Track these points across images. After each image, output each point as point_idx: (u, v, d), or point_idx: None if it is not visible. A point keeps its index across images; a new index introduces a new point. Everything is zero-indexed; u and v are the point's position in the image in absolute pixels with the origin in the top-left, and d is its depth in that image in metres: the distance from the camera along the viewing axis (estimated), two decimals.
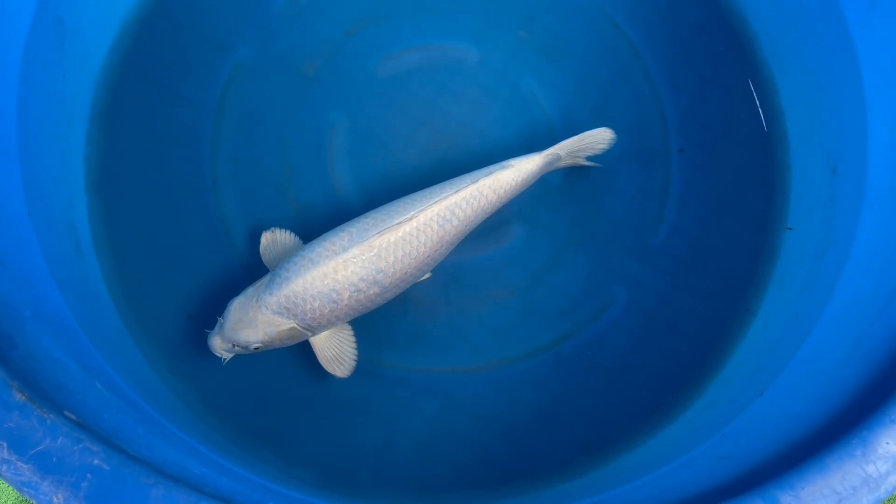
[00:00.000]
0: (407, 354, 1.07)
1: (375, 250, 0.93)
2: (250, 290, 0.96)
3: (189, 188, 1.12)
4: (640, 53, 1.19)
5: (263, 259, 1.03)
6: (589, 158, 1.10)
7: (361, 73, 1.17)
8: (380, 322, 1.07)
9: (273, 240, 1.03)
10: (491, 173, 0.99)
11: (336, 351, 1.00)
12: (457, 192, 0.96)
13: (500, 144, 1.15)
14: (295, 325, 0.94)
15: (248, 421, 1.05)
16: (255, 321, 0.94)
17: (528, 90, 1.17)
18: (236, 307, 0.95)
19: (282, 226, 1.07)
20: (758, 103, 1.15)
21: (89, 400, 0.74)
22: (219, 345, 0.95)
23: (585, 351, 1.08)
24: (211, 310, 1.05)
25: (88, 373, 0.80)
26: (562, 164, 1.07)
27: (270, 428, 1.05)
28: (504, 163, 1.01)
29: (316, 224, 1.11)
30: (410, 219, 0.94)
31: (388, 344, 1.08)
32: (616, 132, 1.06)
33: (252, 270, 1.09)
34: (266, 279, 0.96)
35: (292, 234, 1.03)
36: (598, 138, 1.05)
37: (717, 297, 1.10)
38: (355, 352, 1.00)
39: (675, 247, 1.11)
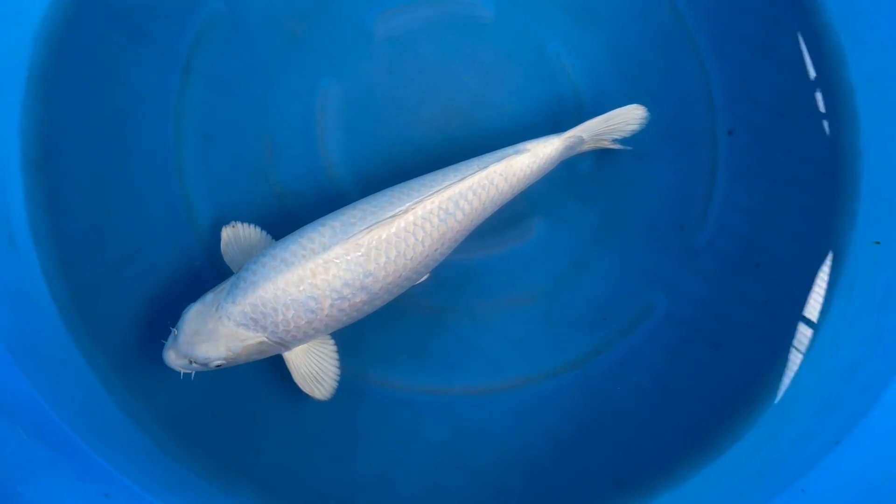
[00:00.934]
0: (410, 372, 0.96)
1: (363, 249, 0.81)
2: (209, 297, 0.84)
3: (148, 169, 0.99)
4: (683, 14, 1.04)
5: (225, 259, 0.91)
6: (618, 141, 0.97)
7: (357, 32, 1.03)
8: (376, 333, 0.96)
9: (235, 235, 0.91)
10: (503, 158, 0.88)
11: (314, 368, 0.88)
12: (462, 179, 0.86)
13: (518, 122, 1.01)
14: (264, 339, 0.83)
15: (220, 449, 0.93)
16: (215, 334, 0.82)
17: (553, 56, 1.03)
18: (193, 316, 0.83)
19: (261, 216, 0.97)
20: (821, 77, 1.01)
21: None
22: (174, 360, 0.84)
23: (618, 369, 0.96)
24: (175, 316, 0.90)
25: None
26: (585, 147, 0.96)
27: (247, 458, 0.93)
28: (518, 146, 0.90)
29: (303, 215, 0.98)
30: (406, 211, 0.83)
31: (387, 359, 0.96)
32: (655, 109, 0.96)
33: (224, 269, 0.94)
34: (228, 283, 0.84)
35: (258, 229, 0.92)
36: (629, 118, 0.94)
37: (772, 306, 0.97)
38: (337, 369, 0.89)
39: (723, 247, 0.99)
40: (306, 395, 0.88)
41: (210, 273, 0.96)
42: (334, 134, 1.00)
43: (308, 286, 0.80)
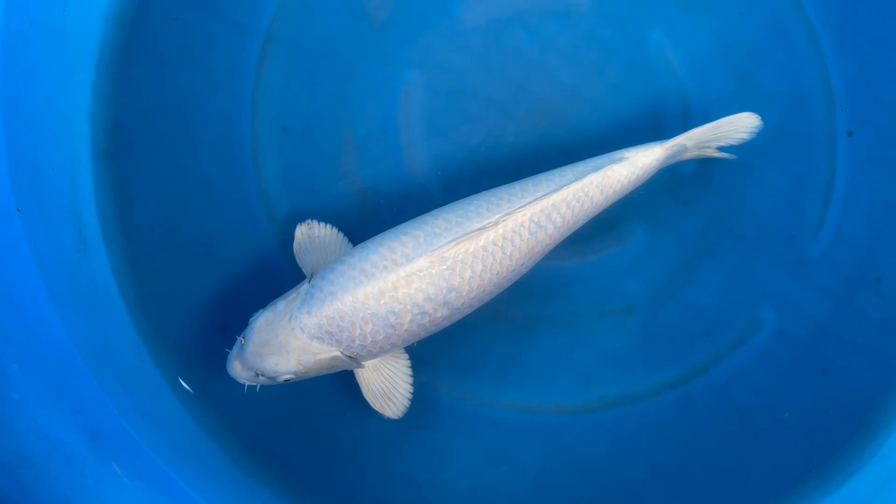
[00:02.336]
0: (496, 385, 0.92)
1: (449, 262, 0.78)
2: (281, 304, 0.80)
3: (223, 161, 0.95)
4: (801, 1, 0.96)
5: (298, 260, 0.86)
6: (724, 149, 0.90)
7: (443, 20, 0.96)
8: (460, 342, 0.91)
9: (310, 235, 0.86)
10: (600, 168, 0.83)
11: (386, 385, 0.84)
12: (556, 191, 0.81)
13: (617, 120, 0.95)
14: (338, 354, 0.79)
15: (295, 467, 0.89)
16: (286, 346, 0.78)
17: (657, 48, 0.96)
18: (263, 325, 0.79)
19: (340, 213, 0.93)
20: None
21: None
22: (239, 370, 0.80)
23: (722, 390, 0.91)
24: (247, 319, 0.85)
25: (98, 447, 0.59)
26: (688, 155, 0.90)
27: (323, 477, 0.89)
28: (615, 154, 0.85)
29: (384, 213, 0.94)
30: (496, 223, 0.79)
31: (472, 372, 0.92)
32: (768, 107, 0.92)
33: (299, 269, 0.89)
34: (302, 290, 0.80)
35: (335, 231, 0.87)
36: (739, 126, 0.88)
37: (893, 324, 0.91)
38: (411, 387, 0.85)
39: (840, 258, 0.93)
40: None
41: (287, 272, 0.92)
42: (418, 128, 0.95)
43: (389, 300, 0.77)
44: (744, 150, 0.90)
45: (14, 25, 0.83)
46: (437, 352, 0.90)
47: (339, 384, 0.89)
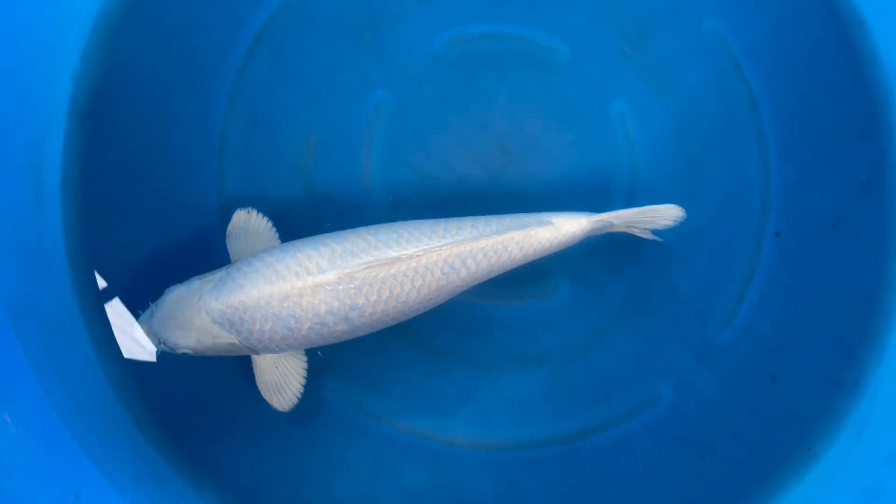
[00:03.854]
0: (398, 408, 0.94)
1: (357, 283, 0.80)
2: (196, 283, 0.83)
3: (192, 142, 0.97)
4: (758, 104, 0.99)
5: (227, 243, 0.88)
6: (652, 231, 0.94)
7: (424, 51, 0.99)
8: (372, 358, 0.94)
9: (246, 222, 0.88)
10: (524, 227, 0.85)
11: (279, 379, 0.86)
12: (476, 239, 0.83)
13: (569, 176, 0.98)
14: (236, 342, 0.82)
15: (198, 443, 0.92)
16: (190, 323, 0.82)
17: (619, 117, 0.99)
18: (173, 299, 0.83)
19: (288, 210, 0.96)
20: (878, 191, 0.96)
21: None
22: (146, 335, 0.85)
23: (609, 453, 0.94)
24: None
25: None
26: (615, 230, 0.92)
27: (223, 456, 0.92)
28: (543, 216, 0.87)
29: (330, 218, 0.97)
30: (410, 257, 0.81)
31: (378, 389, 0.94)
32: (709, 193, 0.96)
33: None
34: (218, 275, 0.83)
35: (270, 225, 0.89)
36: (665, 215, 0.91)
37: (779, 424, 0.94)
38: (301, 386, 0.87)
39: (743, 351, 0.95)
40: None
41: (225, 257, 0.93)
42: (379, 145, 0.97)
43: (292, 304, 0.79)
44: (677, 231, 0.92)
45: None
46: (347, 362, 0.93)
47: (249, 368, 0.91)
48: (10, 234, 0.82)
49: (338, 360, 0.92)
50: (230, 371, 0.92)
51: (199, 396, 0.93)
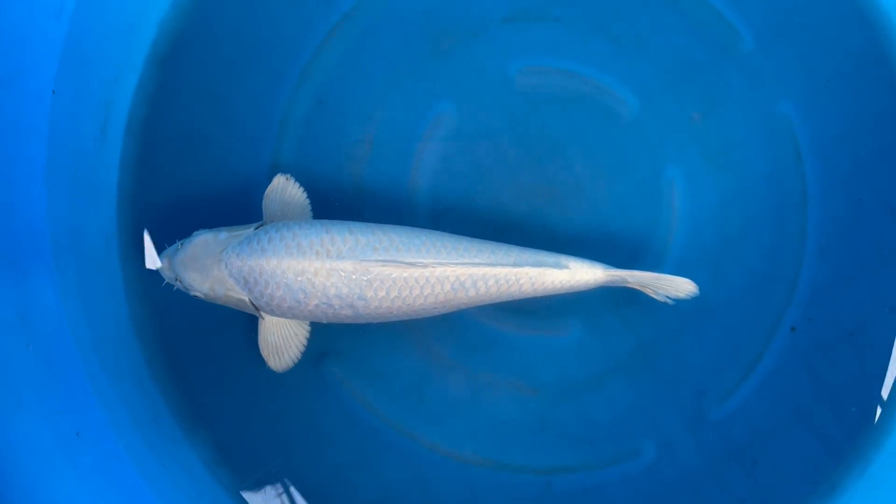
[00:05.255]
0: (392, 405, 0.98)
1: (370, 276, 0.84)
2: (223, 235, 0.87)
3: (257, 107, 1.00)
4: (808, 200, 1.00)
5: (263, 203, 0.92)
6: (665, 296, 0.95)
7: (497, 73, 1.01)
8: (378, 353, 0.98)
9: (284, 188, 0.92)
10: (540, 265, 0.89)
11: (280, 342, 0.91)
12: (491, 265, 0.87)
13: (605, 227, 0.99)
14: (247, 300, 0.87)
15: (198, 386, 0.97)
16: (208, 270, 0.86)
17: (669, 182, 1.00)
18: (199, 243, 0.87)
19: (329, 195, 0.99)
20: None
21: None
22: (165, 268, 0.88)
23: (580, 495, 0.97)
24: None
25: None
26: (629, 286, 0.94)
27: (218, 408, 0.97)
28: (562, 259, 0.90)
29: (366, 212, 1.00)
30: (425, 266, 0.85)
31: (378, 382, 0.98)
32: (739, 276, 0.98)
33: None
34: (247, 231, 0.87)
35: (306, 197, 0.93)
36: (678, 287, 0.93)
37: None
38: (300, 353, 0.92)
39: (732, 430, 0.97)
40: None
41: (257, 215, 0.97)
42: (432, 155, 1.00)
43: (305, 280, 0.83)
44: (696, 302, 0.93)
45: None
46: (354, 349, 0.97)
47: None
48: (71, 167, 0.86)
49: (345, 345, 0.96)
50: (243, 331, 0.96)
51: (210, 348, 0.97)
